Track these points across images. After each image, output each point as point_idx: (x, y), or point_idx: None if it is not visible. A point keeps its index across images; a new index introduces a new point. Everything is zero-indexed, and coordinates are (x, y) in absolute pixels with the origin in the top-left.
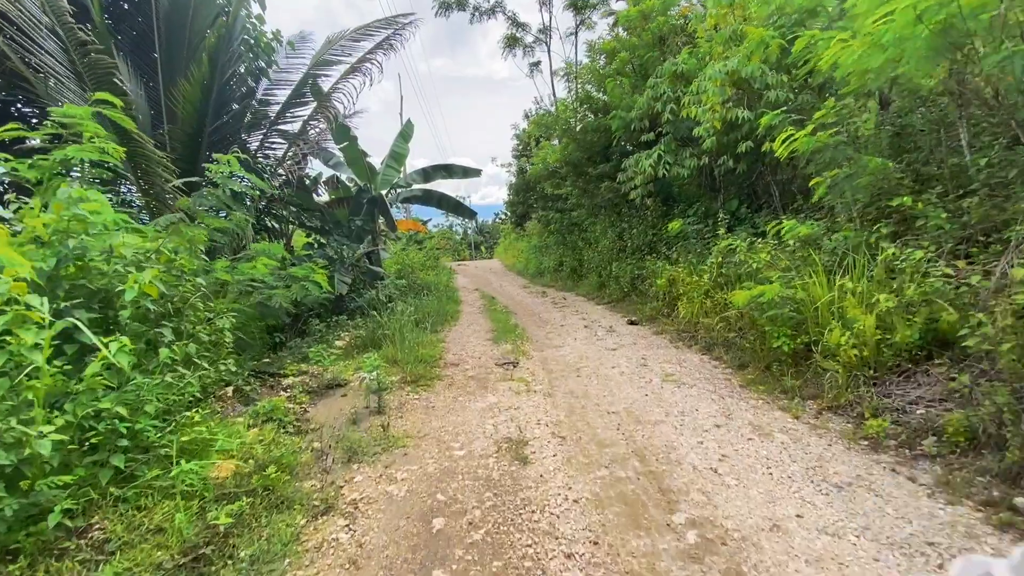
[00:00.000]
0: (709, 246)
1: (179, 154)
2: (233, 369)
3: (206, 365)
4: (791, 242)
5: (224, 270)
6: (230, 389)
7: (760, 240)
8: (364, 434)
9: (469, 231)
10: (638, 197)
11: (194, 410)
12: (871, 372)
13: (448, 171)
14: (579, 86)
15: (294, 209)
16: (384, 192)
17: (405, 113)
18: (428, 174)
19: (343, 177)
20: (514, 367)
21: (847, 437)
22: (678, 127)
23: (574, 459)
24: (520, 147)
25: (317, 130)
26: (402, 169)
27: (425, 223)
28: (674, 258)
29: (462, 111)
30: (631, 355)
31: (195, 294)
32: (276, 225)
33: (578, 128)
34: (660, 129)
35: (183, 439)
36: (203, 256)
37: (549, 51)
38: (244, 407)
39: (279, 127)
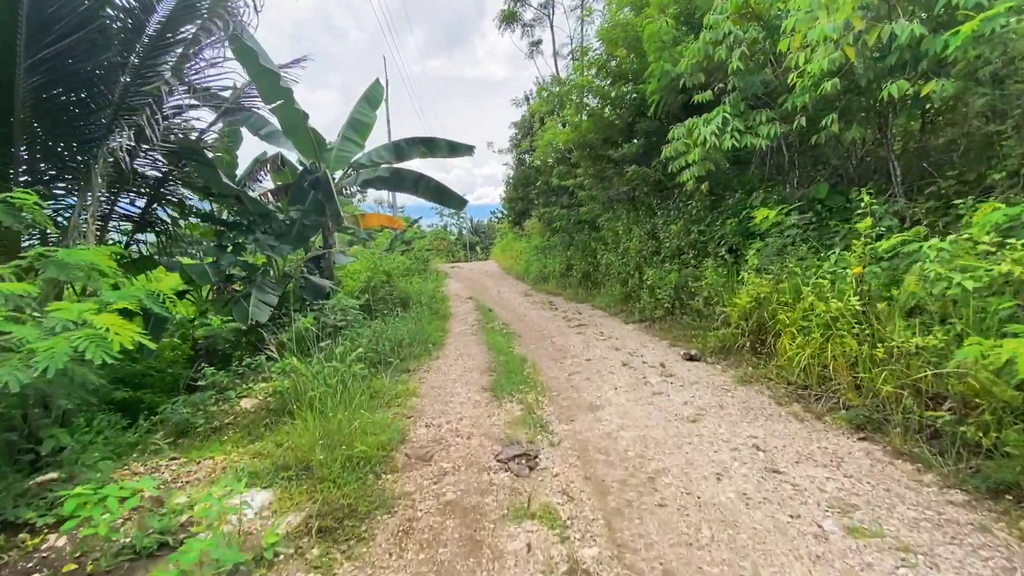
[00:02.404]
0: (808, 248)
1: None
2: None
3: None
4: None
5: None
6: None
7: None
8: None
9: (464, 231)
10: (691, 179)
11: None
12: None
13: (429, 146)
14: (592, 52)
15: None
16: (340, 172)
17: (395, 112)
18: (401, 150)
19: (293, 159)
20: (530, 468)
21: None
22: (750, 81)
23: None
24: (519, 136)
25: (230, 75)
26: (366, 143)
27: (415, 222)
28: (751, 263)
29: (460, 111)
30: (732, 437)
31: None
32: (177, 217)
33: (595, 102)
34: (722, 85)
35: None
36: None
37: (552, 27)
38: None
39: (156, 63)
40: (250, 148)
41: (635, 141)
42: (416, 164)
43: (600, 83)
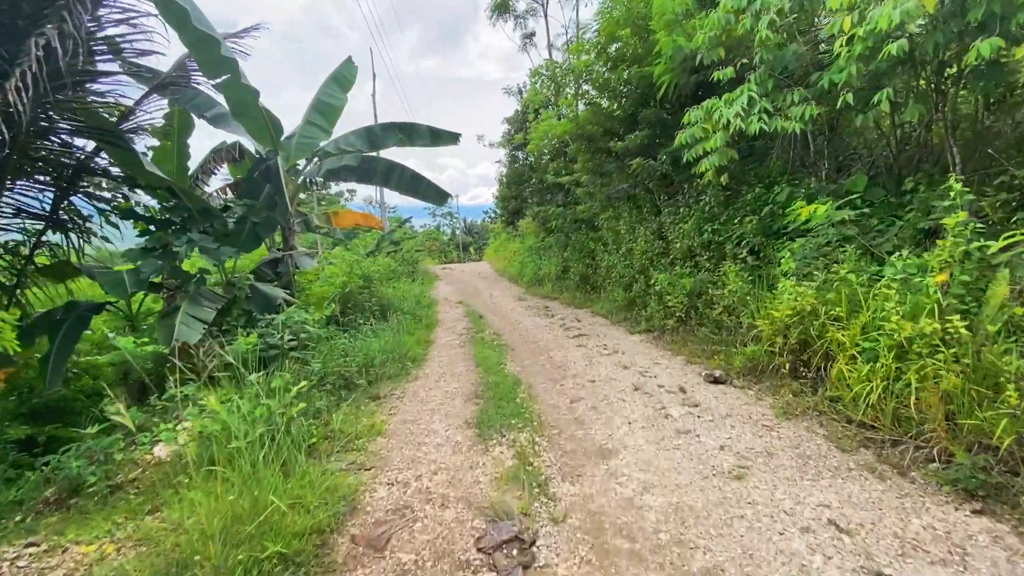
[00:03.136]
0: (854, 249)
1: None
2: None
3: None
4: None
5: None
6: None
7: None
8: None
9: (457, 231)
10: (709, 169)
11: None
12: None
13: (408, 133)
14: (591, 32)
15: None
16: (303, 162)
17: (385, 113)
18: (375, 137)
19: (251, 148)
20: (524, 567)
21: None
22: (781, 55)
23: None
24: (512, 131)
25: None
26: (334, 129)
27: (405, 222)
28: (785, 267)
29: (455, 111)
30: (797, 506)
31: None
32: (95, 212)
33: (594, 92)
34: (746, 60)
35: None
36: None
37: (546, 16)
38: None
39: (42, 14)
40: (213, 137)
41: (637, 132)
42: (412, 163)
43: (599, 69)
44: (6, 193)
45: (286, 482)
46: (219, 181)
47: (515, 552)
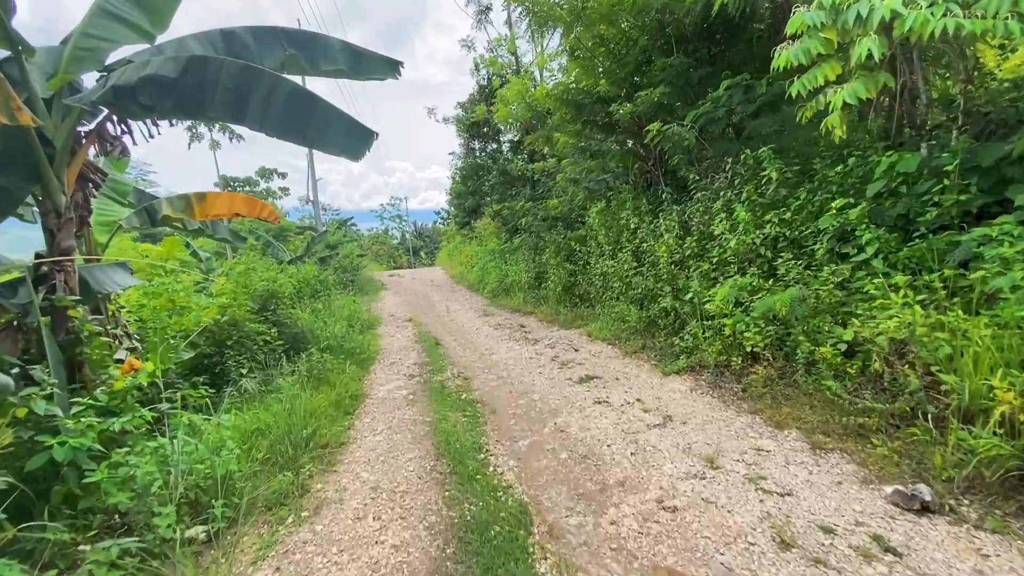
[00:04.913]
0: None
1: None
2: None
3: None
4: None
5: None
6: None
7: None
8: None
9: (407, 234)
10: (838, 105)
11: None
12: None
13: (306, 49)
14: None
15: None
16: (94, 83)
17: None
18: (241, 49)
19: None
20: None
21: None
22: None
23: None
24: (468, 112)
25: None
26: (160, 33)
27: (346, 222)
28: None
29: (400, 115)
30: None
31: None
32: None
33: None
34: None
35: None
36: None
37: None
38: None
39: None
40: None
41: (652, 89)
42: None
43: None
44: None
45: None
46: None
47: None
